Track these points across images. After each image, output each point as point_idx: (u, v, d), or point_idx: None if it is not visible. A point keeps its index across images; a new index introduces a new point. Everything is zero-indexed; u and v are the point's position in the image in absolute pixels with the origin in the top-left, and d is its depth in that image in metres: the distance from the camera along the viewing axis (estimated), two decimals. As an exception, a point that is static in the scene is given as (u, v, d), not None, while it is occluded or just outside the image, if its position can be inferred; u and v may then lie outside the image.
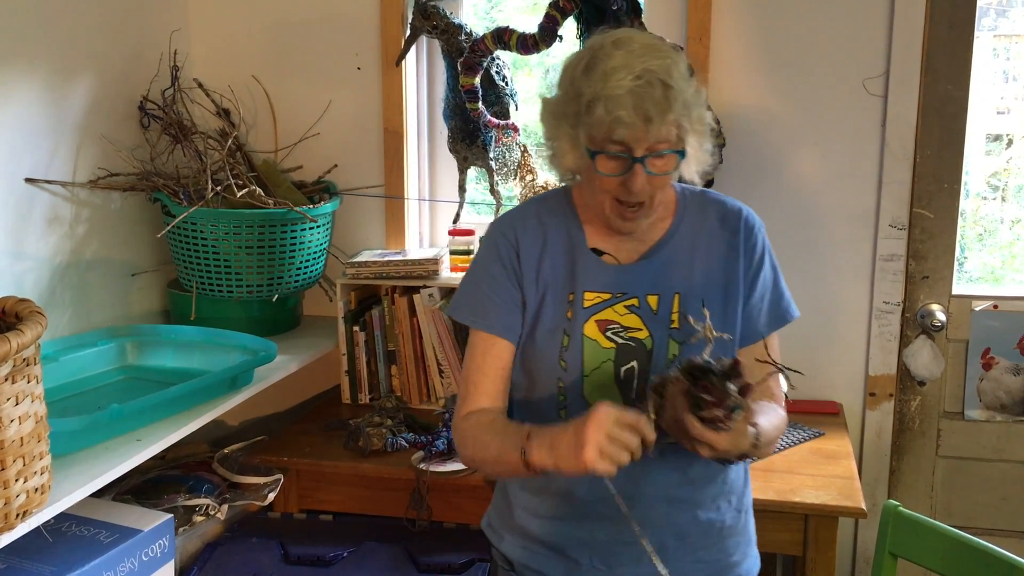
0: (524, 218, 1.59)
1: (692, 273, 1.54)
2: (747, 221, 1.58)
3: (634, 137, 1.39)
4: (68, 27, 2.16)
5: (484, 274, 1.58)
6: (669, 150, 1.42)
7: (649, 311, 1.52)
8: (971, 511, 2.50)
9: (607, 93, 1.38)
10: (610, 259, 1.54)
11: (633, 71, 1.37)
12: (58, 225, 2.16)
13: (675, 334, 1.51)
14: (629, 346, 1.51)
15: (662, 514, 1.53)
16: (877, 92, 2.33)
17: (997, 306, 2.40)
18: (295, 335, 2.50)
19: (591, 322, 1.52)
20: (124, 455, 1.69)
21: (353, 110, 2.59)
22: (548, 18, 2.21)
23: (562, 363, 1.51)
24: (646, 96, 1.37)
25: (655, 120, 1.37)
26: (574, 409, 1.51)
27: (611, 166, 1.42)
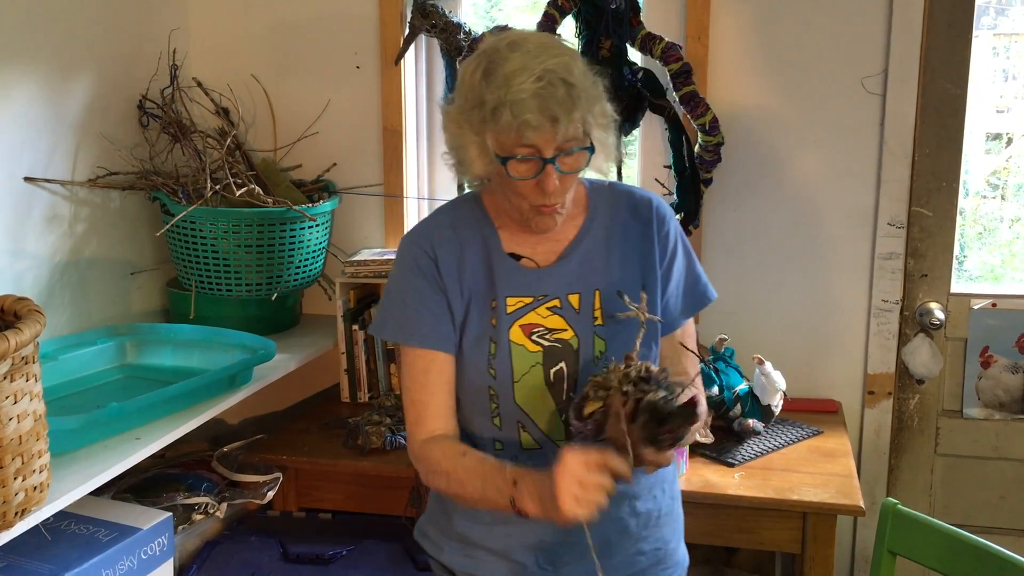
0: (438, 228, 1.57)
1: (610, 268, 1.54)
2: (658, 211, 1.59)
3: (543, 139, 1.38)
4: (67, 26, 2.16)
5: (408, 288, 1.54)
6: (578, 147, 1.42)
7: (572, 310, 1.52)
8: (970, 509, 2.50)
9: (511, 98, 1.36)
10: (528, 262, 1.54)
11: (534, 72, 1.37)
12: (57, 224, 2.16)
13: (600, 331, 1.52)
14: (556, 348, 1.51)
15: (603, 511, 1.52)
16: (876, 91, 2.33)
17: (996, 304, 2.41)
18: (294, 334, 2.50)
19: (516, 327, 1.51)
20: (123, 454, 1.69)
21: (352, 109, 2.59)
22: (546, 17, 2.22)
23: (491, 371, 1.51)
24: (550, 97, 1.37)
25: (562, 120, 1.37)
26: (507, 415, 1.52)
27: (523, 170, 1.42)
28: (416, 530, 1.69)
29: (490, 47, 1.44)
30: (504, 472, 1.40)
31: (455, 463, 1.47)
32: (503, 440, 1.53)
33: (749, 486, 1.97)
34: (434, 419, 1.53)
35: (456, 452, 1.48)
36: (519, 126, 1.37)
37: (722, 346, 2.24)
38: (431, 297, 1.53)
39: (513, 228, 1.55)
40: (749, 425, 2.16)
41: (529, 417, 1.52)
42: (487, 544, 1.57)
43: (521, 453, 1.53)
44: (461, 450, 1.49)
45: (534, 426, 1.52)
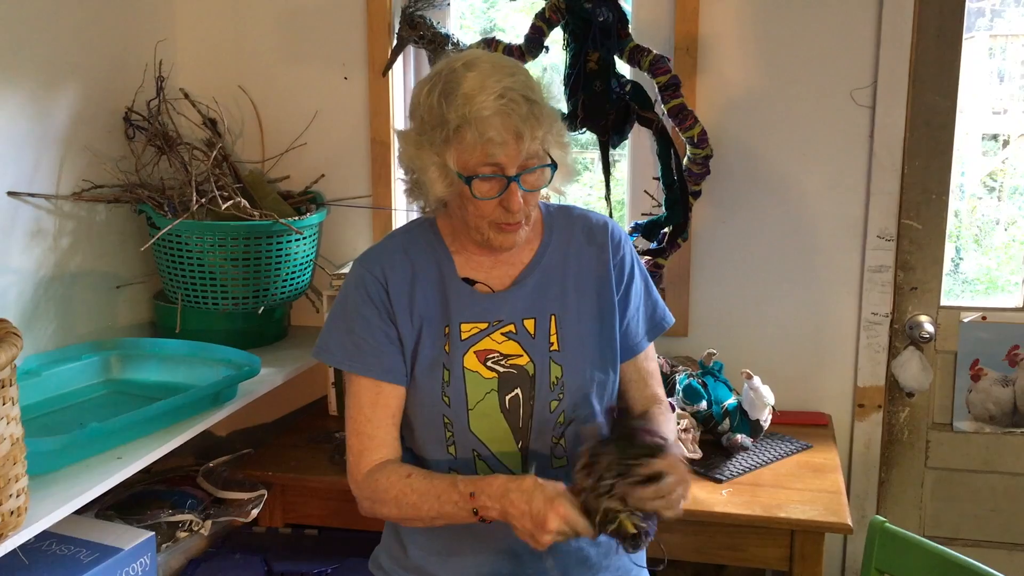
0: (390, 253, 1.56)
1: (565, 292, 1.54)
2: (613, 234, 1.59)
3: (507, 156, 1.38)
4: (52, 37, 2.15)
5: (356, 315, 1.53)
6: (539, 164, 1.42)
7: (527, 336, 1.51)
8: (960, 523, 2.49)
9: (474, 115, 1.36)
10: (483, 287, 1.53)
11: (494, 91, 1.37)
12: (42, 238, 2.15)
13: (555, 356, 1.51)
14: (511, 374, 1.50)
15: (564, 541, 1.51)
16: (865, 103, 2.32)
17: (986, 317, 2.40)
18: (282, 347, 2.48)
19: (470, 353, 1.50)
20: (104, 473, 1.67)
21: (340, 120, 2.58)
22: (534, 29, 2.21)
23: (445, 398, 1.49)
24: (513, 113, 1.37)
25: (525, 136, 1.38)
26: (462, 443, 1.50)
27: (487, 188, 1.41)
28: (371, 561, 1.67)
29: (445, 68, 1.44)
30: (458, 486, 1.39)
31: (403, 486, 1.45)
32: (458, 468, 1.52)
33: (737, 503, 1.96)
34: (379, 450, 1.50)
35: (401, 475, 1.46)
36: (484, 144, 1.37)
37: (710, 360, 2.23)
38: (378, 327, 1.51)
39: (468, 252, 1.54)
40: (737, 440, 2.15)
41: (484, 444, 1.51)
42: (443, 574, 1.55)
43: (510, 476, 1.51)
44: (406, 472, 1.46)
45: (489, 453, 1.51)
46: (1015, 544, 2.47)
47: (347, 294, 1.56)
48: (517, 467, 1.51)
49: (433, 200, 1.50)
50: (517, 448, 1.51)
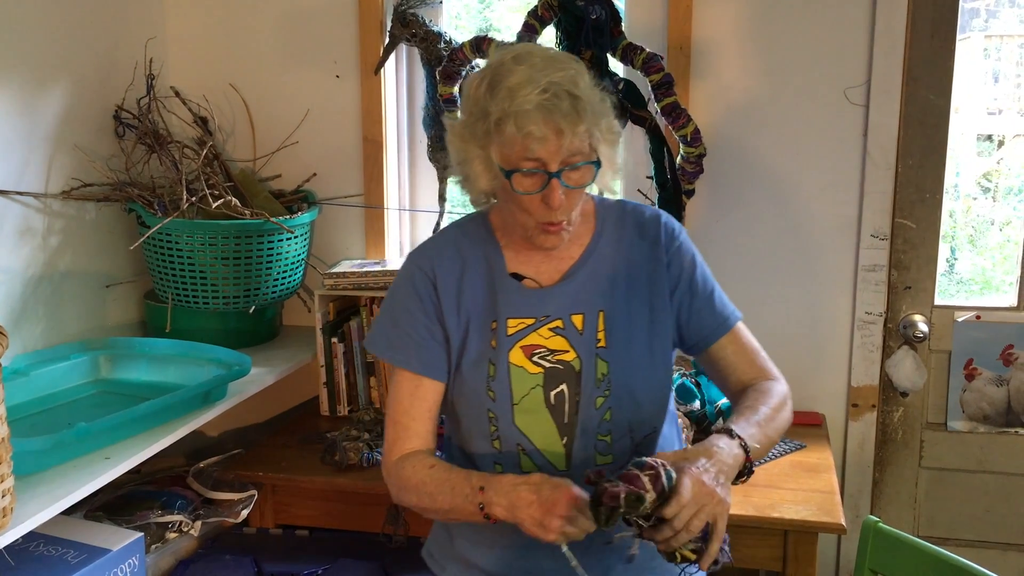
0: (441, 247, 1.56)
1: (615, 289, 1.52)
2: (666, 227, 1.56)
3: (548, 152, 1.37)
4: (41, 35, 2.13)
5: (401, 309, 1.54)
6: (584, 162, 1.40)
7: (575, 331, 1.50)
8: (954, 522, 2.48)
9: (515, 109, 1.35)
10: (531, 283, 1.51)
11: (539, 85, 1.35)
12: (30, 237, 2.13)
13: (602, 353, 1.49)
14: (557, 369, 1.49)
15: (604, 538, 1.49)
16: (858, 101, 2.31)
17: (980, 317, 2.39)
18: (273, 346, 2.47)
19: (516, 349, 1.49)
20: (92, 474, 1.66)
21: (332, 118, 2.56)
22: (526, 27, 2.19)
23: (490, 393, 1.48)
24: (555, 109, 1.35)
25: (566, 132, 1.36)
26: (506, 437, 1.49)
27: (528, 184, 1.40)
28: (423, 550, 1.68)
29: (495, 61, 1.43)
30: (471, 479, 1.39)
31: (424, 476, 1.45)
32: (503, 461, 1.51)
33: (730, 503, 1.95)
34: (411, 440, 1.51)
35: (425, 466, 1.47)
36: (523, 138, 1.36)
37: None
38: (423, 322, 1.52)
39: (518, 246, 1.53)
40: (730, 440, 2.14)
41: (528, 439, 1.50)
42: (488, 568, 1.55)
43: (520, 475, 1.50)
44: (429, 463, 1.47)
45: (534, 448, 1.50)
46: (1009, 544, 2.47)
47: (396, 287, 1.57)
48: (561, 463, 1.49)
49: (479, 192, 1.49)
50: (562, 444, 1.49)
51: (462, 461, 1.57)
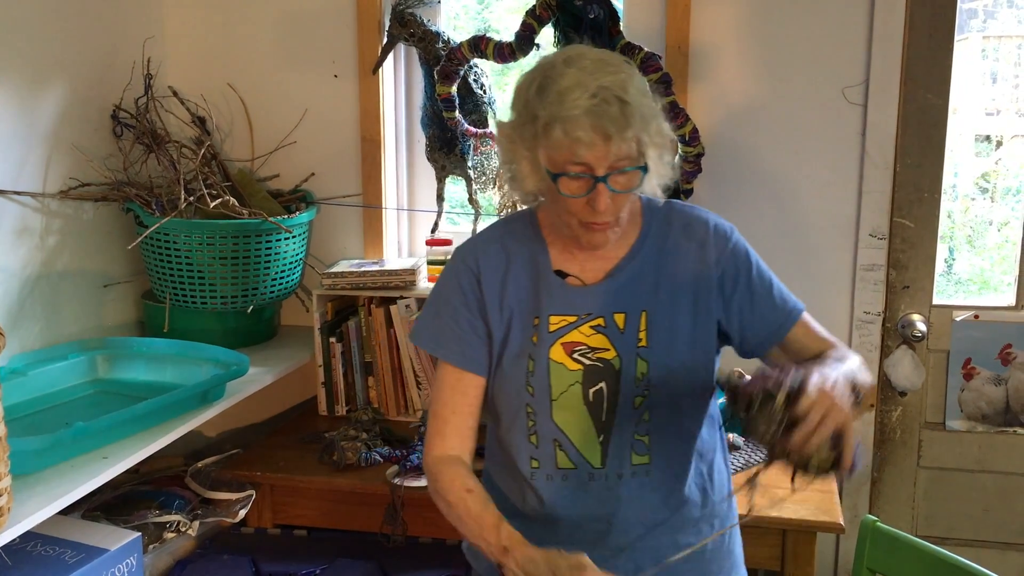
0: (487, 243, 1.56)
1: (659, 289, 1.51)
2: (716, 230, 1.55)
3: (595, 157, 1.36)
4: (39, 35, 2.13)
5: (445, 303, 1.55)
6: (631, 167, 1.39)
7: (616, 330, 1.49)
8: (953, 522, 2.48)
9: (563, 114, 1.35)
10: (575, 280, 1.51)
11: (588, 89, 1.35)
12: (28, 236, 2.13)
13: (643, 352, 1.49)
14: (597, 367, 1.49)
15: (639, 538, 1.50)
16: (857, 101, 2.31)
17: (978, 316, 2.39)
18: (271, 346, 2.47)
19: (557, 345, 1.49)
20: (90, 473, 1.66)
21: (330, 118, 2.56)
22: (525, 26, 2.19)
23: (529, 388, 1.49)
24: (603, 114, 1.34)
25: (614, 138, 1.35)
26: (544, 432, 1.50)
27: (574, 187, 1.39)
28: (463, 542, 1.67)
29: (546, 62, 1.43)
30: (499, 532, 1.39)
31: (458, 498, 1.46)
32: (539, 458, 1.51)
33: (728, 502, 1.94)
34: (452, 437, 1.51)
35: (462, 487, 1.46)
36: (571, 143, 1.35)
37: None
38: (465, 316, 1.52)
39: (564, 244, 1.53)
40: (729, 439, 2.14)
41: (566, 436, 1.50)
42: None
43: (556, 472, 1.51)
44: (468, 486, 1.47)
45: (571, 445, 1.50)
46: (1008, 543, 2.47)
47: (441, 281, 1.58)
48: (596, 460, 1.49)
49: (527, 193, 1.50)
50: (598, 441, 1.49)
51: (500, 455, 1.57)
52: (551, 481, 1.50)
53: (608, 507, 1.50)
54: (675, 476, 1.53)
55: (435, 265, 2.40)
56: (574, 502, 1.51)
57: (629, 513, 1.50)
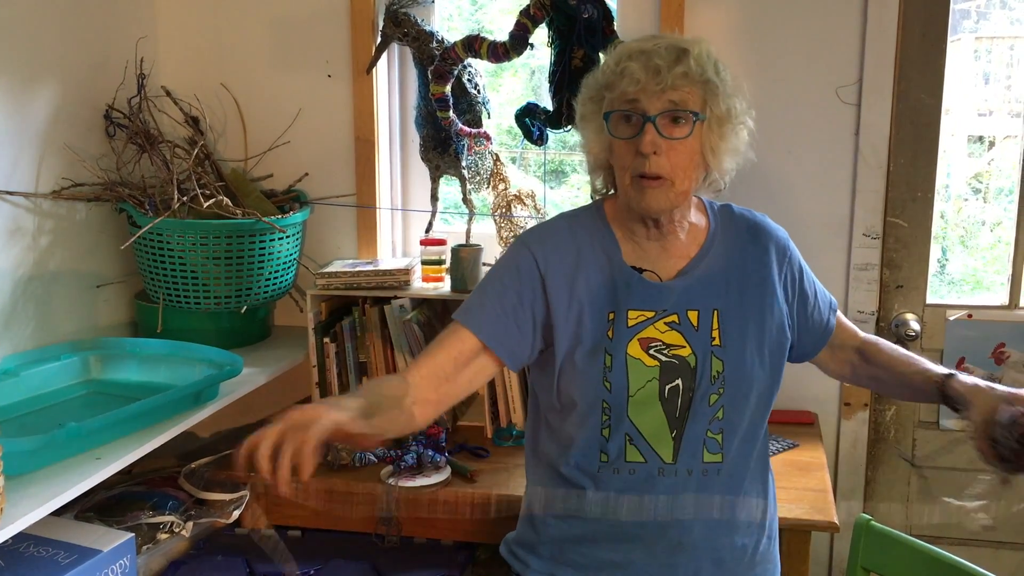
0: (555, 232, 1.56)
1: (729, 289, 1.53)
2: (777, 236, 1.61)
3: (644, 92, 1.38)
4: (31, 34, 2.12)
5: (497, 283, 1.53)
6: (685, 110, 1.40)
7: (690, 327, 1.50)
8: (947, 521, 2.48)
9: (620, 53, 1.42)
10: (651, 276, 1.51)
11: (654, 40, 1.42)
12: (20, 236, 2.12)
13: (717, 351, 1.49)
14: (673, 364, 1.49)
15: (701, 537, 1.51)
16: (850, 101, 2.31)
17: (971, 315, 2.40)
18: (265, 346, 2.47)
19: (634, 341, 1.48)
20: (83, 474, 1.65)
21: (324, 118, 2.56)
22: (518, 26, 2.19)
23: (606, 384, 1.48)
24: (655, 53, 1.39)
25: (663, 72, 1.37)
26: (617, 427, 1.49)
27: (623, 128, 1.41)
28: (502, 547, 1.67)
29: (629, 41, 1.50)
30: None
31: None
32: (609, 452, 1.50)
33: (723, 502, 1.95)
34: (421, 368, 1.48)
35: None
36: (621, 77, 1.39)
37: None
38: (511, 301, 1.51)
39: (635, 239, 1.54)
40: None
41: (638, 431, 1.50)
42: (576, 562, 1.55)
43: (624, 466, 1.50)
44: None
45: (642, 440, 1.50)
46: (1001, 543, 2.47)
47: (501, 264, 1.57)
48: (668, 455, 1.49)
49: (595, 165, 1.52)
50: (671, 436, 1.49)
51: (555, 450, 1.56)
52: (618, 475, 1.50)
53: (674, 504, 1.50)
54: (741, 476, 1.54)
55: (429, 265, 2.39)
56: (639, 497, 1.50)
57: (694, 511, 1.51)
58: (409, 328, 2.33)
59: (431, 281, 2.39)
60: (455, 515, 2.01)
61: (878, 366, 1.66)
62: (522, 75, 2.71)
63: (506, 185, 2.41)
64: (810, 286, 1.63)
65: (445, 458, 2.10)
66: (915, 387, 1.59)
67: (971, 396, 1.45)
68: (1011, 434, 1.36)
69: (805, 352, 1.65)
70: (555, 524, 1.56)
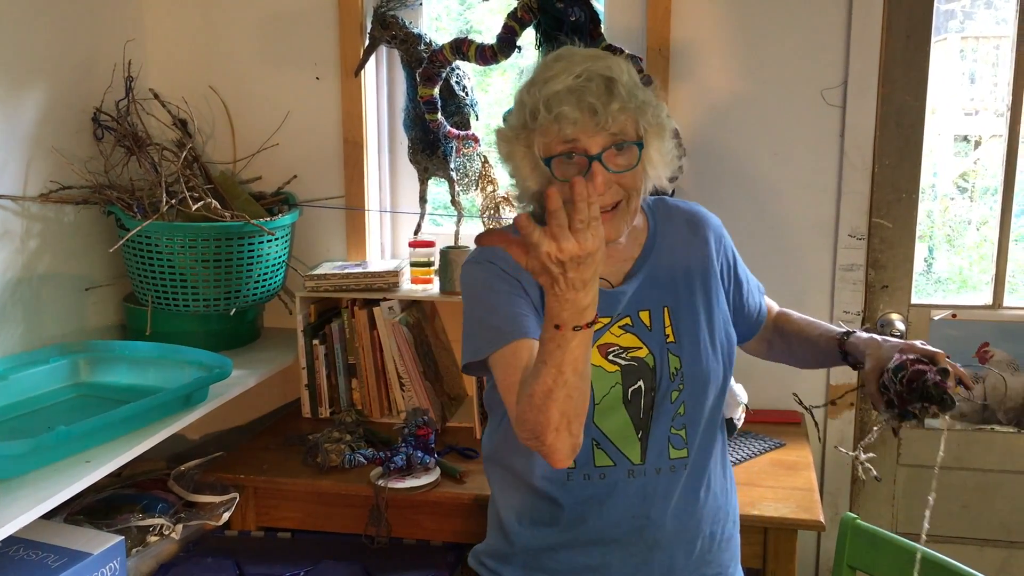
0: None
1: (676, 284, 1.54)
2: (712, 224, 1.63)
3: (583, 132, 1.36)
4: (19, 37, 2.12)
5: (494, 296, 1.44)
6: (626, 142, 1.39)
7: (644, 328, 1.51)
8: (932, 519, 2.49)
9: (547, 93, 1.36)
10: (603, 283, 1.50)
11: (573, 72, 1.37)
12: (8, 240, 2.12)
13: (672, 348, 1.50)
14: (633, 366, 1.50)
15: (674, 532, 1.52)
16: (835, 103, 2.33)
17: (956, 315, 2.42)
18: (254, 348, 2.47)
19: (593, 349, 1.48)
20: (73, 477, 1.65)
21: (312, 120, 2.56)
22: (506, 29, 2.20)
23: None
24: (586, 90, 1.35)
25: (600, 112, 1.35)
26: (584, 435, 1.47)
27: (569, 171, 1.38)
28: (471, 557, 1.67)
29: (539, 62, 1.46)
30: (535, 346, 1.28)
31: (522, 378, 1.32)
32: (576, 459, 1.49)
33: (710, 501, 1.96)
34: None
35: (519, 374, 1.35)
36: (557, 121, 1.36)
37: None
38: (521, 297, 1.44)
39: None
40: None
41: (605, 435, 1.50)
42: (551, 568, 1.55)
43: (594, 470, 1.51)
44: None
45: (609, 443, 1.50)
46: (986, 540, 2.49)
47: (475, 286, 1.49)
48: (636, 456, 1.49)
49: (531, 195, 1.48)
50: (637, 438, 1.50)
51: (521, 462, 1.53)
52: (589, 480, 1.50)
53: (646, 503, 1.50)
54: (705, 467, 1.56)
55: (418, 267, 2.40)
56: (612, 500, 1.51)
57: (666, 507, 1.51)
58: (398, 330, 2.34)
59: (420, 283, 2.40)
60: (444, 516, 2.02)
61: (790, 336, 1.72)
62: (510, 77, 2.72)
63: (494, 187, 2.42)
64: (743, 271, 1.66)
65: (435, 459, 2.10)
66: (821, 349, 1.64)
67: (867, 348, 1.50)
68: (896, 378, 1.42)
69: (741, 337, 1.67)
70: (529, 534, 1.56)
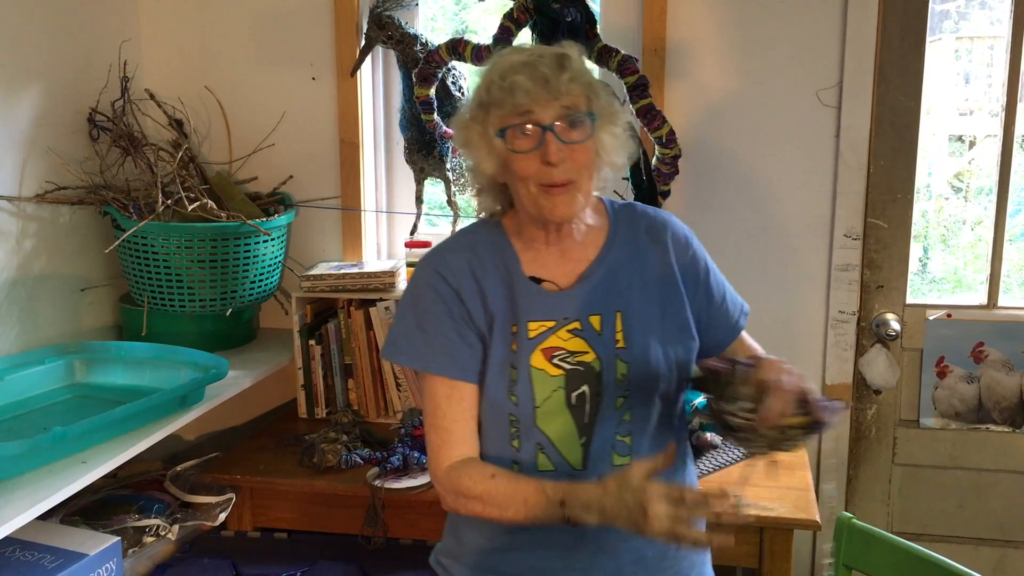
0: (456, 251, 1.54)
1: (631, 290, 1.52)
2: (675, 233, 1.59)
3: (536, 103, 1.39)
4: (14, 37, 2.12)
5: (425, 315, 1.51)
6: (579, 113, 1.41)
7: (593, 332, 1.50)
8: (927, 518, 2.51)
9: (501, 67, 1.41)
10: (550, 285, 1.51)
11: (525, 54, 1.43)
12: (4, 240, 2.12)
13: (621, 354, 1.49)
14: (578, 371, 1.49)
15: (619, 539, 1.50)
16: (831, 103, 2.34)
17: (951, 315, 2.42)
18: (250, 349, 2.47)
19: (537, 352, 1.48)
20: (69, 478, 1.65)
21: (308, 121, 2.56)
22: (502, 29, 2.20)
23: (512, 398, 1.48)
24: (539, 63, 1.40)
25: (551, 80, 1.38)
26: (527, 438, 1.49)
27: (523, 142, 1.41)
28: (432, 557, 1.67)
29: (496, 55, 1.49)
30: (546, 493, 1.37)
31: (487, 487, 1.43)
32: (520, 461, 1.50)
33: (706, 501, 1.96)
34: (459, 445, 1.49)
35: (485, 475, 1.45)
36: (510, 87, 1.39)
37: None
38: (450, 325, 1.49)
39: (535, 249, 1.53)
40: (707, 439, 2.16)
41: (548, 440, 1.49)
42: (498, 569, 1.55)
43: (536, 474, 1.49)
44: (490, 472, 1.45)
45: (552, 448, 1.50)
46: (981, 539, 2.50)
47: (416, 292, 1.53)
48: (579, 462, 1.49)
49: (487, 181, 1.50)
50: (580, 443, 1.49)
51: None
52: None
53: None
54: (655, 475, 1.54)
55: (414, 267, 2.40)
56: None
57: None
58: (394, 330, 2.34)
59: (416, 283, 2.39)
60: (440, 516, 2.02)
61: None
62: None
63: (490, 187, 2.42)
64: (717, 287, 1.61)
65: (431, 459, 2.10)
66: None
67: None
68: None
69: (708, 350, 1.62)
70: (477, 534, 1.56)
